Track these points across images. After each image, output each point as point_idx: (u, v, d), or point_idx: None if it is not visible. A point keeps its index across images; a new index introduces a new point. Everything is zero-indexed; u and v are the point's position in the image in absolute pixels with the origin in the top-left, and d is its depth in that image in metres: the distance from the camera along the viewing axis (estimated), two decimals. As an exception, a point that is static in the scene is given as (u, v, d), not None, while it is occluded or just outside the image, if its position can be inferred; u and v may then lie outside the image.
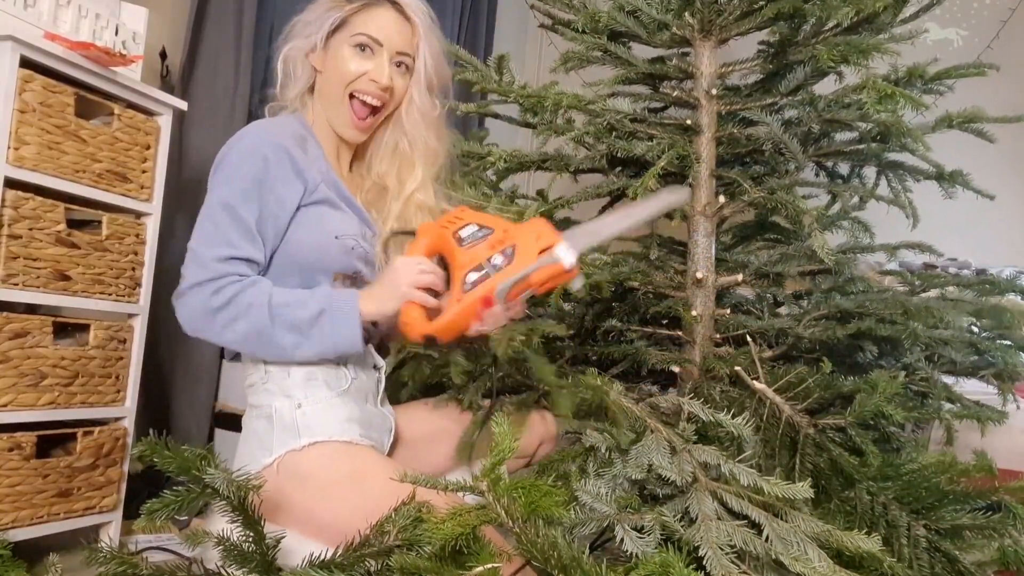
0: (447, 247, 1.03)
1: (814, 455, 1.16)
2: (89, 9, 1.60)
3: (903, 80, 1.47)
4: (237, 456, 1.08)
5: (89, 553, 0.82)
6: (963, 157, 1.74)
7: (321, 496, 0.99)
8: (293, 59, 1.17)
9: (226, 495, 0.77)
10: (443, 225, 1.05)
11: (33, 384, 1.46)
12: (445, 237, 1.03)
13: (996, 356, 1.36)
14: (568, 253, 0.97)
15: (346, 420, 1.05)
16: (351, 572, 0.78)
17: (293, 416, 1.03)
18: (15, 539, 1.40)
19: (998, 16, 2.95)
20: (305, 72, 1.17)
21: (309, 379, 1.05)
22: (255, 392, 1.08)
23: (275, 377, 1.06)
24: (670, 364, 1.46)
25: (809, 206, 1.44)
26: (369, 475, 1.00)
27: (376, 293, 1.04)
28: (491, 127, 2.19)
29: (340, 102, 1.13)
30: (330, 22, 1.12)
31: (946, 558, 1.03)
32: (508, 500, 0.74)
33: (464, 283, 0.98)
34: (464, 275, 0.98)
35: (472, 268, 0.99)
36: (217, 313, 0.99)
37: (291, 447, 1.01)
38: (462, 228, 1.03)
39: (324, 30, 1.12)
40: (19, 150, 1.42)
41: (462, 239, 1.02)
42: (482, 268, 0.99)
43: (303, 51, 1.15)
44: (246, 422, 1.09)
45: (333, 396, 1.06)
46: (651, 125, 1.53)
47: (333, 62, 1.12)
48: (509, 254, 0.99)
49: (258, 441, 1.04)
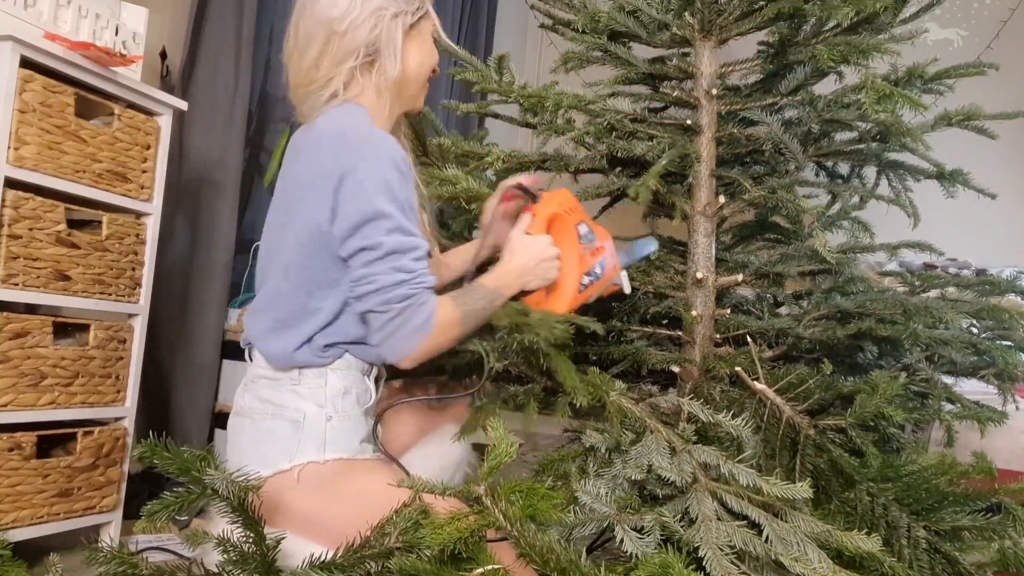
0: (567, 238, 1.18)
1: (814, 456, 1.16)
2: (89, 9, 1.60)
3: (903, 80, 1.47)
4: (240, 449, 1.05)
5: (89, 553, 0.82)
6: (963, 157, 1.74)
7: (336, 507, 1.00)
8: (393, 36, 1.10)
9: (226, 496, 0.77)
10: (566, 211, 1.19)
11: (33, 384, 1.46)
12: (568, 229, 1.18)
13: (996, 356, 1.36)
14: (625, 280, 1.28)
15: (364, 440, 1.08)
16: (351, 573, 0.78)
17: (323, 428, 1.02)
18: (15, 539, 1.40)
19: (998, 16, 2.95)
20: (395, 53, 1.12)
21: (344, 392, 1.06)
22: (277, 389, 1.05)
23: (309, 381, 1.05)
24: (670, 364, 1.46)
25: (809, 206, 1.44)
26: (381, 489, 0.99)
27: (518, 277, 1.14)
28: (491, 127, 2.19)
29: (423, 86, 1.18)
30: (423, 9, 1.14)
31: (946, 559, 1.03)
32: (506, 504, 0.74)
33: (580, 284, 1.18)
34: (581, 276, 1.18)
35: (586, 272, 1.19)
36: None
37: (313, 459, 1.01)
38: (579, 224, 1.20)
39: (416, 16, 1.13)
40: (19, 150, 1.42)
41: (580, 236, 1.18)
42: (591, 274, 1.19)
43: (401, 30, 1.11)
44: (256, 418, 1.05)
45: (359, 414, 1.08)
46: (651, 125, 1.53)
47: (420, 48, 1.14)
48: (603, 266, 1.20)
49: (276, 443, 1.02)
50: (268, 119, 2.59)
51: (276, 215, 1.14)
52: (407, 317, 1.00)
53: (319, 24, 1.07)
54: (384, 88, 1.11)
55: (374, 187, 1.00)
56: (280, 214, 1.12)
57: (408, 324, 1.01)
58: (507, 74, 1.62)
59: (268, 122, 2.59)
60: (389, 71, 1.09)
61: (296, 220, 1.05)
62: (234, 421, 1.09)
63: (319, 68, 1.07)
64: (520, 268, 1.14)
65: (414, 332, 1.01)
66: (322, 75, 1.08)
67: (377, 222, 1.00)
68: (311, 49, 1.08)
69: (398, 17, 1.09)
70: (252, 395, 1.07)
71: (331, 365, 1.06)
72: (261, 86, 2.54)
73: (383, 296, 1.00)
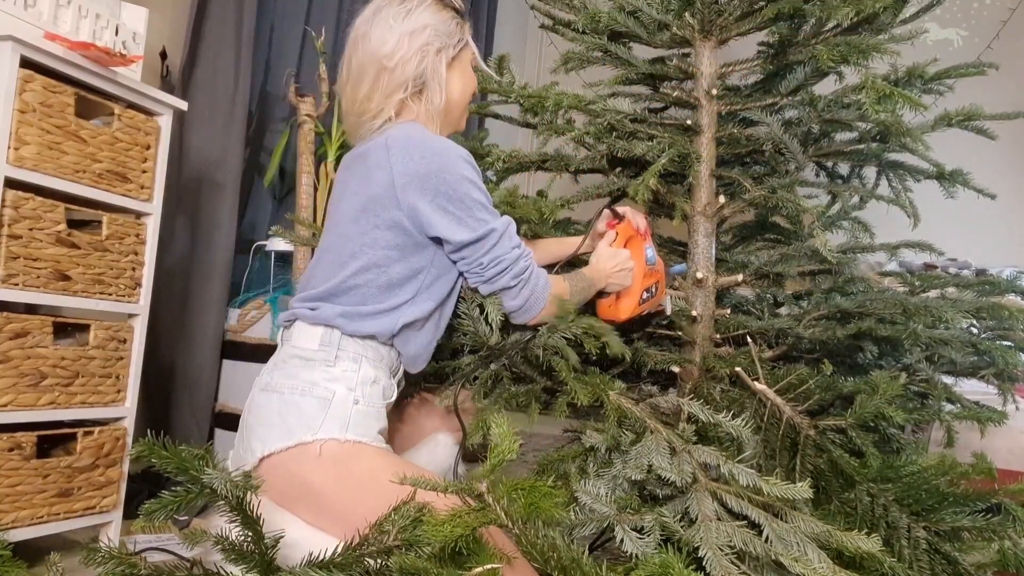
0: (638, 257, 1.37)
1: (814, 456, 1.15)
2: (89, 9, 1.60)
3: (903, 80, 1.47)
4: (264, 420, 1.06)
5: (88, 553, 0.82)
6: (963, 157, 1.74)
7: (349, 483, 1.02)
8: (438, 70, 1.20)
9: (224, 495, 0.76)
10: (640, 235, 1.40)
11: (33, 384, 1.46)
12: (640, 249, 1.38)
13: (996, 356, 1.36)
14: (669, 303, 1.49)
15: (381, 432, 1.11)
16: (350, 572, 0.78)
17: (349, 410, 1.07)
18: (15, 539, 1.40)
19: (998, 16, 2.95)
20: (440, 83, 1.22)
21: (374, 381, 1.11)
22: (311, 369, 1.08)
23: (344, 363, 1.10)
24: (670, 364, 1.46)
25: (809, 206, 1.44)
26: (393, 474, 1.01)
27: (605, 278, 1.32)
28: (490, 127, 2.19)
29: (465, 109, 1.29)
30: (463, 41, 1.24)
31: (946, 560, 1.03)
32: (508, 501, 0.74)
33: (641, 297, 1.37)
34: (642, 292, 1.37)
35: (646, 289, 1.38)
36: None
37: (335, 436, 1.04)
38: (648, 247, 1.40)
39: (457, 48, 1.23)
40: (19, 150, 1.42)
41: (647, 258, 1.38)
42: (649, 290, 1.39)
43: (444, 63, 1.21)
44: (286, 393, 1.07)
45: (381, 407, 1.12)
46: (651, 125, 1.53)
47: (462, 77, 1.25)
48: (659, 287, 1.41)
49: (302, 417, 1.05)
50: (268, 119, 2.59)
51: (347, 216, 1.16)
52: (535, 279, 1.18)
53: (370, 60, 1.17)
54: (433, 114, 1.21)
55: (461, 180, 1.11)
56: (355, 215, 1.14)
57: (537, 287, 1.18)
58: (507, 74, 1.62)
59: (268, 122, 2.59)
60: (435, 100, 1.20)
61: (382, 218, 1.12)
62: (260, 396, 1.10)
63: (371, 100, 1.18)
64: (607, 271, 1.32)
65: (543, 291, 1.19)
66: (374, 106, 1.18)
67: (477, 211, 1.12)
68: (363, 83, 1.18)
69: (441, 52, 1.20)
70: (282, 373, 1.10)
71: (367, 355, 1.12)
72: (261, 86, 2.54)
73: (512, 271, 1.15)
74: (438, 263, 1.16)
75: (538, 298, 1.18)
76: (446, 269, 1.17)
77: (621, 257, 1.34)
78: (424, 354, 1.21)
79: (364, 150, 1.17)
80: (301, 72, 2.56)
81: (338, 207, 1.19)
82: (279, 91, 2.53)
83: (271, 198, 2.62)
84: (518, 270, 1.15)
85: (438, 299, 1.17)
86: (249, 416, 1.10)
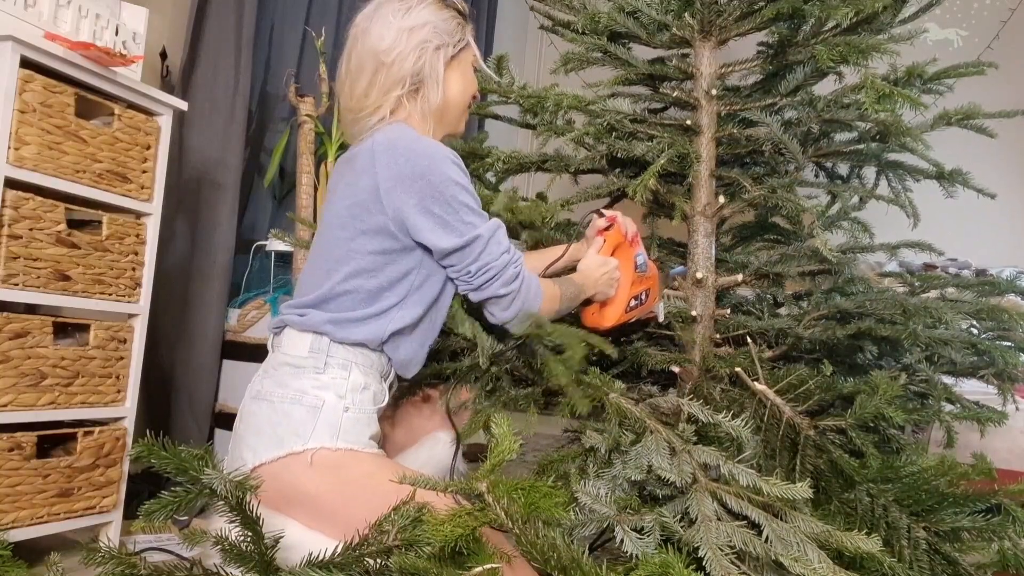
0: (626, 264, 1.35)
1: (814, 456, 1.15)
2: (89, 9, 1.60)
3: (902, 80, 1.47)
4: (255, 429, 1.06)
5: (88, 553, 0.82)
6: (963, 157, 1.73)
7: (344, 489, 1.01)
8: (435, 67, 1.19)
9: (224, 495, 0.76)
10: (628, 243, 1.37)
11: (33, 384, 1.46)
12: (628, 257, 1.36)
13: (996, 356, 1.36)
14: (661, 311, 1.47)
15: (372, 438, 1.10)
16: (350, 572, 0.78)
17: (340, 418, 1.06)
18: (15, 539, 1.40)
19: (998, 16, 2.95)
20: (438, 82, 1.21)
21: (364, 387, 1.10)
22: (300, 377, 1.08)
23: (333, 370, 1.09)
24: (670, 364, 1.46)
25: (809, 206, 1.44)
26: (388, 478, 1.00)
27: (592, 284, 1.30)
28: (490, 128, 2.19)
29: (464, 111, 1.27)
30: (464, 41, 1.23)
31: (946, 560, 1.03)
32: (508, 501, 0.74)
33: (628, 305, 1.35)
34: (630, 299, 1.35)
35: (634, 296, 1.36)
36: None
37: (326, 444, 1.04)
38: (638, 254, 1.37)
39: (457, 48, 1.21)
40: (19, 150, 1.42)
41: (636, 265, 1.36)
42: (638, 298, 1.36)
43: (443, 61, 1.20)
44: (275, 401, 1.07)
45: (372, 412, 1.12)
46: (651, 125, 1.53)
47: (461, 77, 1.23)
48: (644, 297, 1.38)
49: (292, 426, 1.05)
50: (268, 119, 2.59)
51: (335, 222, 1.15)
52: (526, 289, 1.15)
53: (369, 56, 1.16)
54: (428, 113, 1.20)
55: (448, 182, 1.09)
56: (342, 221, 1.14)
57: (528, 296, 1.16)
58: (507, 75, 1.62)
59: (268, 122, 2.59)
60: (432, 99, 1.19)
61: (368, 223, 1.10)
62: (251, 404, 1.10)
63: (368, 96, 1.16)
64: (595, 279, 1.31)
65: (534, 300, 1.16)
66: (371, 102, 1.16)
67: (464, 214, 1.10)
68: (361, 79, 1.17)
69: (440, 49, 1.18)
70: (272, 380, 1.09)
71: (357, 361, 1.11)
72: (261, 86, 2.54)
73: (502, 278, 1.13)
74: (427, 264, 1.15)
75: (530, 308, 1.17)
76: (435, 270, 1.16)
77: (610, 266, 1.33)
78: (416, 359, 1.20)
79: (353, 154, 1.16)
80: (301, 72, 2.56)
81: (328, 212, 1.18)
82: (279, 91, 2.53)
83: (271, 198, 2.62)
84: (507, 277, 1.13)
85: (428, 302, 1.16)
86: (240, 424, 1.10)
